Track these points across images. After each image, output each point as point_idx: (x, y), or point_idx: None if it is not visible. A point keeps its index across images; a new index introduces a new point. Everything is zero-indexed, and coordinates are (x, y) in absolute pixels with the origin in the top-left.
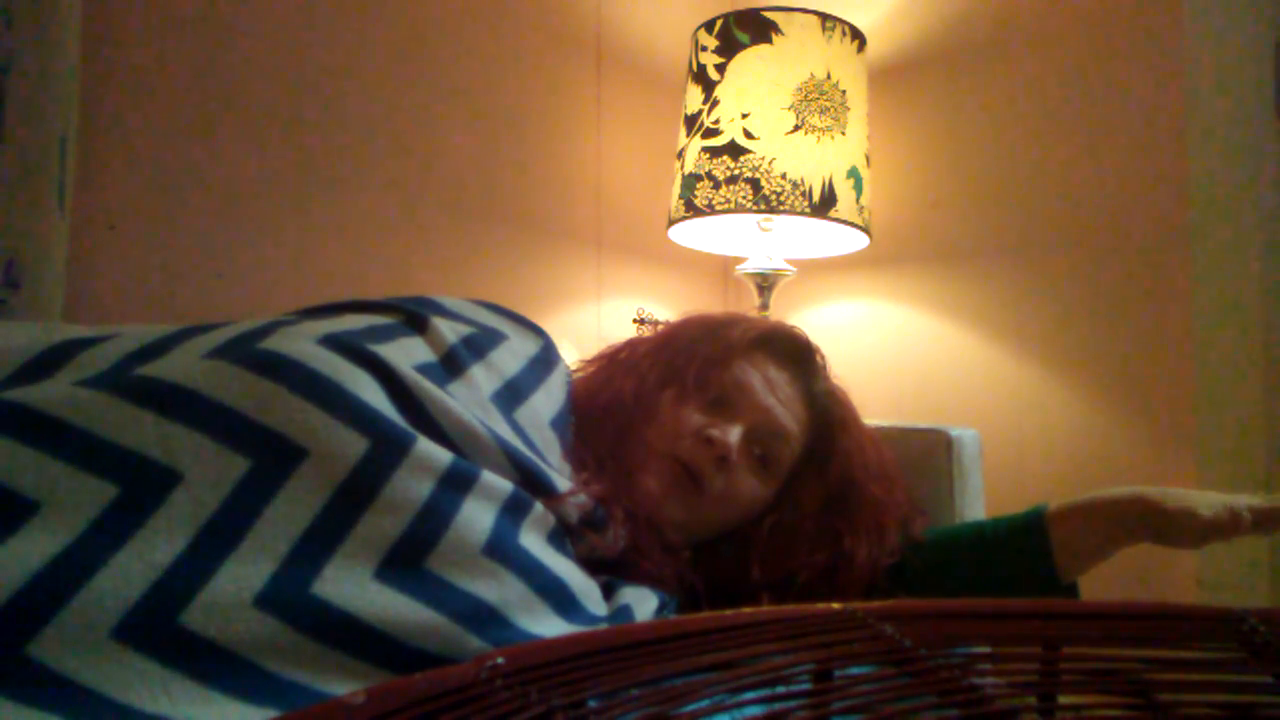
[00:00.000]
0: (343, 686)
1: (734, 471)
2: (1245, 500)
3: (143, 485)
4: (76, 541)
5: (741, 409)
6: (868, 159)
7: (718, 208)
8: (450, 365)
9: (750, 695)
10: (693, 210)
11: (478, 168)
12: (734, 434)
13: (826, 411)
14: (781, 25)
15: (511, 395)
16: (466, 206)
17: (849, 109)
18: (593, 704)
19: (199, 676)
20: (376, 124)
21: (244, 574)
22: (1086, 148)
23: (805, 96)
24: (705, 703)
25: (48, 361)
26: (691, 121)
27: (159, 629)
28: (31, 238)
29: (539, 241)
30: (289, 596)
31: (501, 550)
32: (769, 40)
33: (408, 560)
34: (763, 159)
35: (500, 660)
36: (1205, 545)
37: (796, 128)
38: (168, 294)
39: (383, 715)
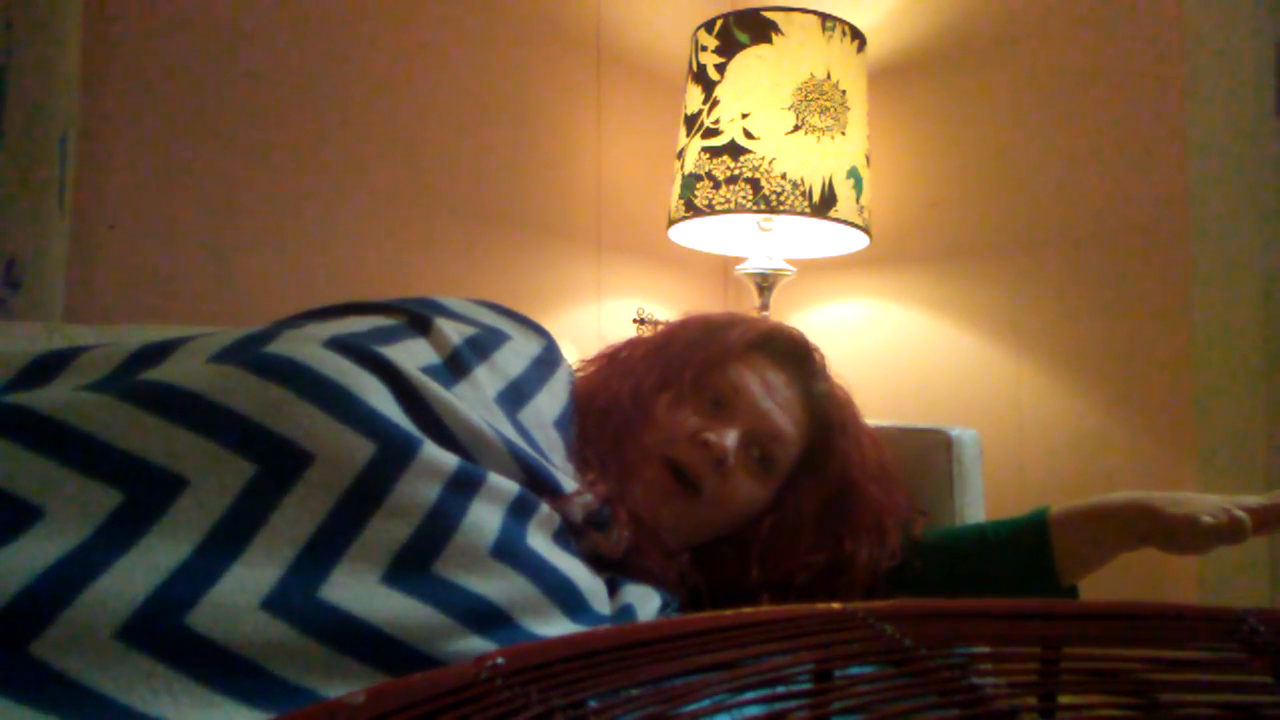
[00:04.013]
0: (348, 691)
1: (731, 474)
2: (1247, 500)
3: (148, 491)
4: (81, 546)
5: (738, 412)
6: (868, 159)
7: (718, 208)
8: (455, 366)
9: (750, 695)
10: (693, 210)
11: (478, 168)
12: (730, 437)
13: (825, 413)
14: (781, 25)
15: (516, 396)
16: (466, 206)
17: (849, 109)
18: (593, 704)
19: (203, 679)
20: (376, 124)
21: (250, 578)
22: (1086, 147)
23: (805, 96)
24: (705, 703)
25: (48, 366)
26: (691, 121)
27: (164, 631)
28: (31, 238)
29: (539, 241)
30: (296, 600)
31: (510, 551)
32: (769, 40)
33: (416, 563)
34: (763, 159)
35: (500, 660)
36: (1207, 552)
37: (796, 128)
38: (168, 294)
39: (382, 715)
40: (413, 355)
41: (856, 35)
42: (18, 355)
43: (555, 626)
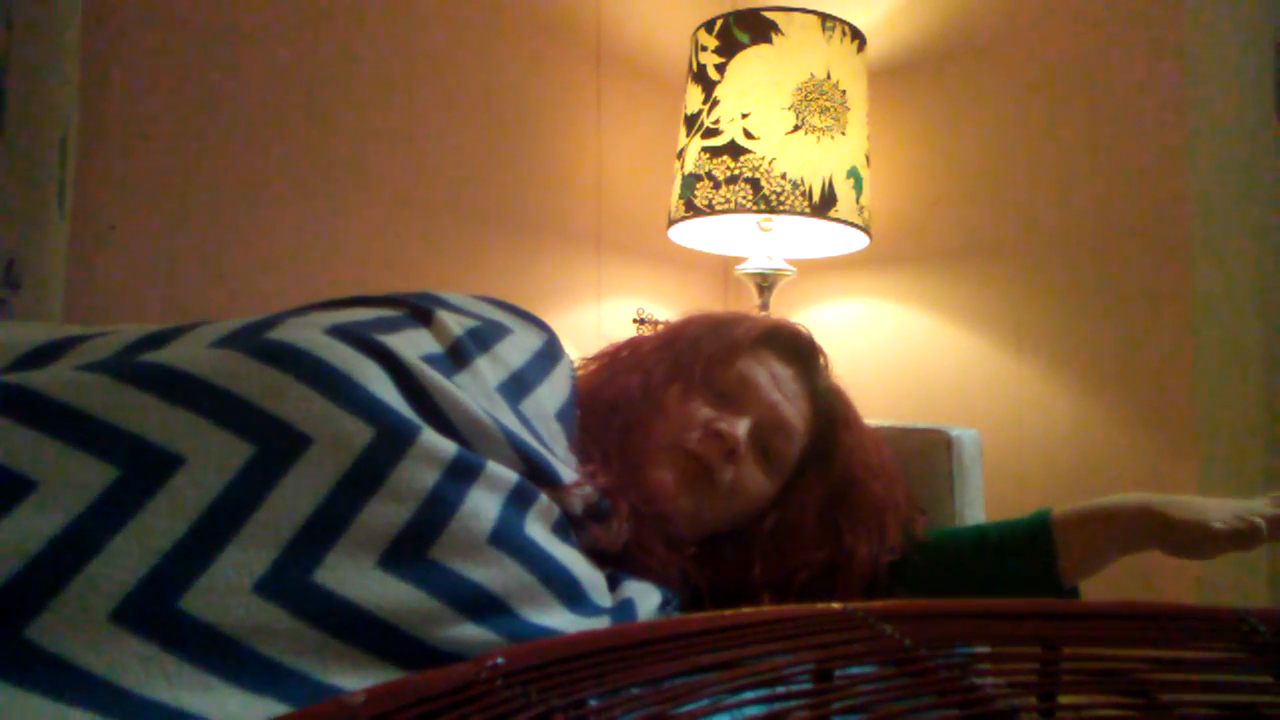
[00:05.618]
0: (342, 675)
1: (742, 464)
2: (1255, 506)
3: (143, 468)
4: (74, 522)
5: (748, 404)
6: (868, 159)
7: (718, 208)
8: (456, 357)
9: (750, 695)
10: (693, 210)
11: (478, 168)
12: (742, 427)
13: (830, 408)
14: (781, 25)
15: (517, 387)
16: (466, 206)
17: (849, 109)
18: (593, 704)
19: (197, 661)
20: (376, 124)
21: (245, 560)
22: (1086, 147)
23: (805, 96)
24: (705, 703)
25: (48, 351)
26: (691, 121)
27: (157, 613)
28: (31, 238)
29: (539, 241)
30: (290, 583)
31: (507, 539)
32: (769, 40)
33: (412, 549)
34: (763, 159)
35: (500, 660)
36: (1217, 557)
37: (796, 128)
38: (168, 294)
39: (382, 715)
40: (414, 344)
41: (856, 35)
42: (17, 344)
43: (553, 616)
